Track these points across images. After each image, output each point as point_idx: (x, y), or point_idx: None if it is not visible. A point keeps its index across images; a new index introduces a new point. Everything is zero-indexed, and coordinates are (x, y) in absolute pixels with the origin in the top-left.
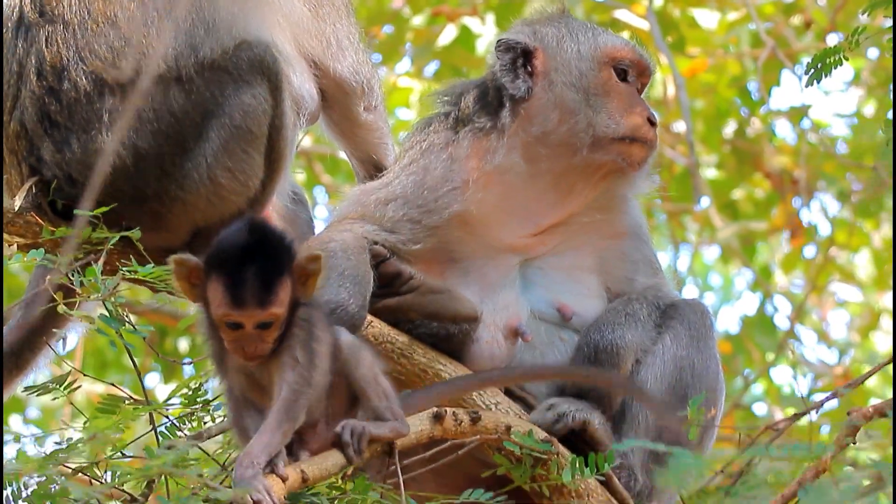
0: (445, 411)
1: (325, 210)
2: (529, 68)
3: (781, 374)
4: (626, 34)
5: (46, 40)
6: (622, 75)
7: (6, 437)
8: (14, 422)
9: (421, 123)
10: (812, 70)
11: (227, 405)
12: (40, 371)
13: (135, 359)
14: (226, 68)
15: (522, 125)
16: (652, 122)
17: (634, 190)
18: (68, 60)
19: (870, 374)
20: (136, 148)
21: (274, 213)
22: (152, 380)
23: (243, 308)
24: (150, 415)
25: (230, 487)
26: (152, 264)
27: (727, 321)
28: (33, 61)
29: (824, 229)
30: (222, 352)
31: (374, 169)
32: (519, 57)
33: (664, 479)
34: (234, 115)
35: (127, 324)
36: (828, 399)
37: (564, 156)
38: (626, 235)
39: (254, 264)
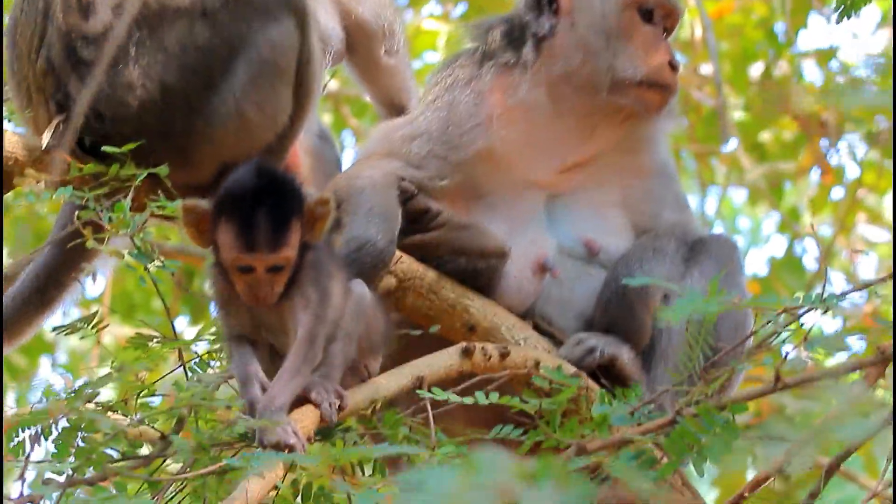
0: (474, 346)
1: (353, 153)
2: (555, 6)
3: (809, 316)
4: None
5: None
6: (647, 17)
7: (36, 381)
8: (43, 364)
9: (448, 59)
10: (841, 7)
11: (230, 350)
12: (68, 313)
13: (163, 295)
14: (252, 3)
15: (546, 63)
16: (673, 67)
17: (658, 131)
18: None
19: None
20: (163, 84)
21: (301, 149)
22: (180, 324)
23: (255, 251)
24: (179, 350)
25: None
26: (180, 200)
27: (756, 263)
28: None
29: (852, 171)
30: (228, 295)
31: (396, 113)
32: None
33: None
34: (262, 49)
35: (156, 260)
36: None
37: (587, 96)
38: (653, 173)
39: (264, 207)
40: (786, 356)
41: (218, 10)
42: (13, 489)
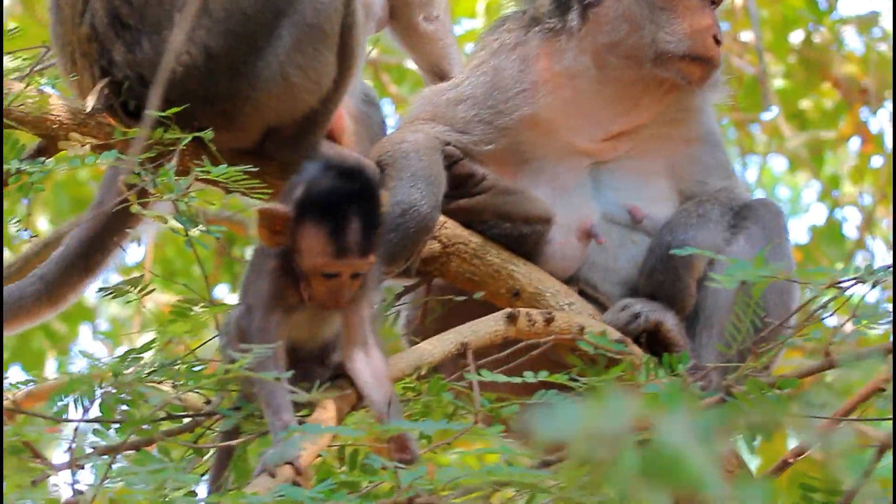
0: (519, 312)
1: (393, 121)
2: None
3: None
4: None
5: None
6: None
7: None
8: (84, 331)
9: (495, 23)
10: None
11: (267, 348)
12: (109, 280)
13: (202, 262)
14: None
15: (591, 31)
16: (717, 40)
17: (704, 100)
18: None
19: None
20: (207, 47)
21: (345, 113)
22: (221, 291)
23: (345, 257)
24: (216, 318)
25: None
26: (225, 165)
27: (796, 232)
28: None
29: (893, 139)
30: (283, 296)
31: (439, 80)
32: None
33: None
34: (306, 13)
35: (199, 224)
36: None
37: (631, 67)
38: (698, 140)
39: (354, 213)
40: (834, 331)
41: None
42: (57, 456)
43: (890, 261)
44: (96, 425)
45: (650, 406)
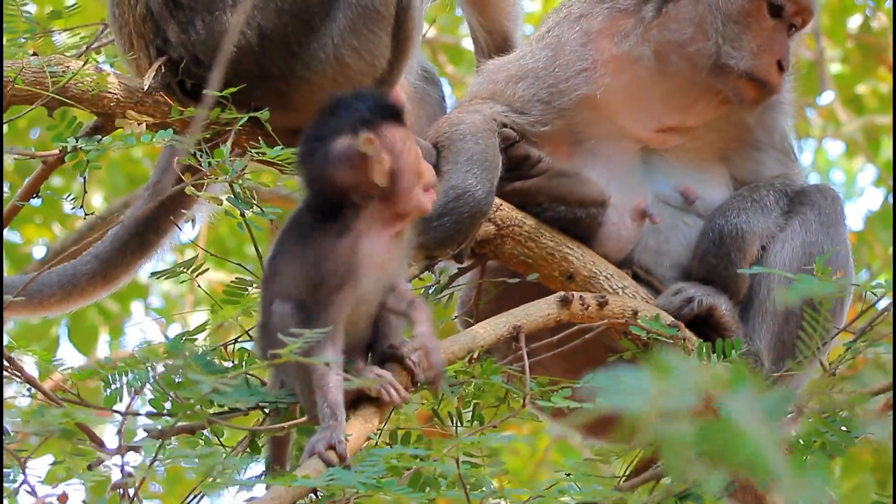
0: (572, 295)
1: (450, 102)
2: None
3: None
4: None
5: None
6: (775, 11)
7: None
8: (136, 308)
9: None
10: None
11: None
12: (163, 259)
13: (257, 242)
14: None
15: (661, 25)
16: (781, 67)
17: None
18: None
19: None
20: (262, 27)
21: (402, 93)
22: None
23: None
24: None
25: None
26: (280, 146)
27: (851, 217)
28: None
29: None
30: (358, 266)
31: (502, 42)
32: None
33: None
34: None
35: (254, 206)
36: None
37: (690, 70)
38: (755, 131)
39: None
40: None
41: None
42: (110, 439)
43: None
44: (148, 407)
45: (716, 383)
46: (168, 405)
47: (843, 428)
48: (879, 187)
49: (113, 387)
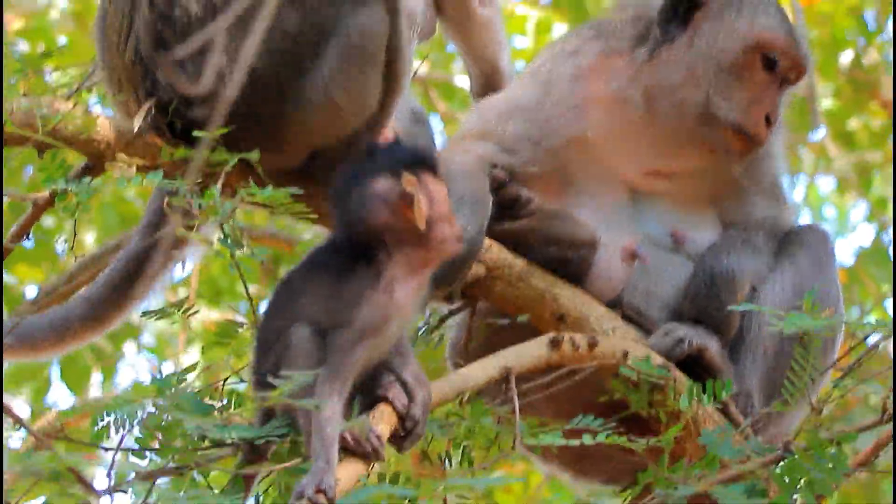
0: (563, 336)
1: (441, 139)
2: (688, 18)
3: None
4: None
5: None
6: (769, 64)
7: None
8: (128, 348)
9: (568, 31)
10: None
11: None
12: (156, 298)
13: (247, 283)
14: None
15: (654, 68)
16: (769, 121)
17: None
18: None
19: None
20: (252, 68)
21: (393, 134)
22: None
23: None
24: None
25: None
26: (271, 186)
27: (842, 253)
28: None
29: None
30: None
31: (490, 69)
32: (683, 4)
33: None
34: (351, 35)
35: (244, 246)
36: None
37: (677, 118)
38: (744, 177)
39: None
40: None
41: None
42: (98, 479)
43: None
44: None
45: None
46: (156, 445)
47: (831, 465)
48: (871, 223)
49: (100, 424)
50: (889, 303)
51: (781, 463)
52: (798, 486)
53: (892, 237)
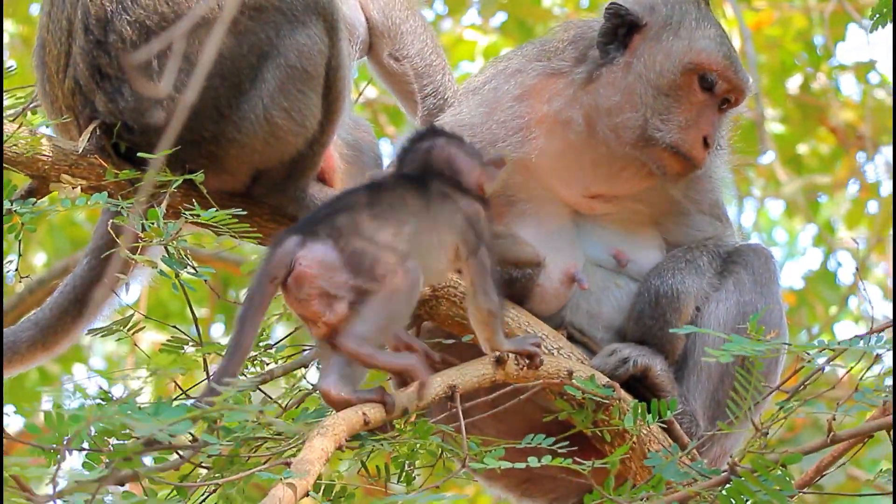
0: (508, 355)
1: (389, 161)
2: (627, 41)
3: (844, 329)
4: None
5: None
6: (707, 85)
7: (71, 385)
8: (77, 371)
9: (512, 49)
10: (877, 16)
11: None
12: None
13: (192, 305)
14: (279, 9)
15: (593, 90)
16: (706, 143)
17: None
18: (112, 12)
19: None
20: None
21: (336, 153)
22: (217, 330)
23: None
24: (204, 358)
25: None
26: (215, 208)
27: (791, 276)
28: (80, 15)
29: (888, 185)
30: None
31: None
32: (623, 26)
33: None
34: (290, 55)
35: (189, 266)
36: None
37: (615, 141)
38: (685, 199)
39: None
40: (837, 408)
41: (241, 18)
42: (43, 491)
43: (885, 308)
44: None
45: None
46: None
47: (777, 487)
48: (819, 247)
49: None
50: (836, 326)
51: (727, 485)
52: None
53: (892, 220)
